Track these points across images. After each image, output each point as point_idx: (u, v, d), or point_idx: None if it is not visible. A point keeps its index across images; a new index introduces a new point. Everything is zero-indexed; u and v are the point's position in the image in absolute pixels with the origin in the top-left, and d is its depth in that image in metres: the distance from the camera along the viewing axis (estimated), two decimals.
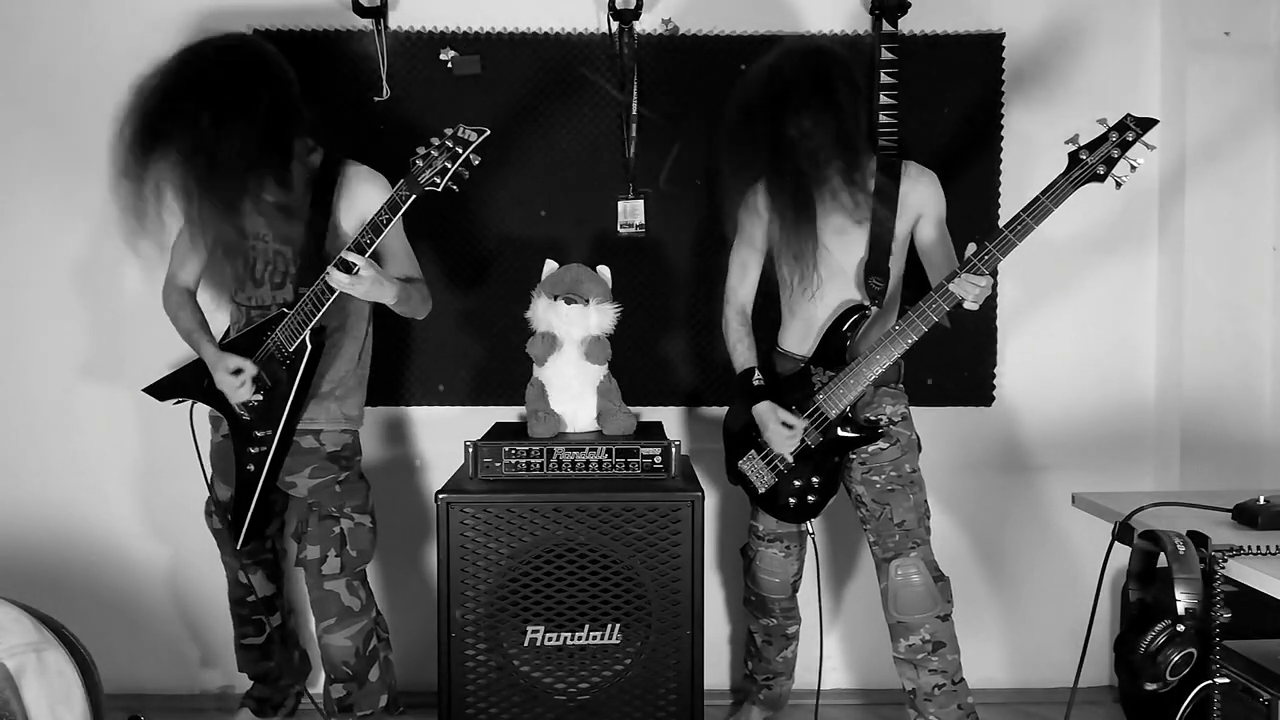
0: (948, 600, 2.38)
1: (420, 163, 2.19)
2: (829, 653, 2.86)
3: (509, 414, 2.86)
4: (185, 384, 2.48)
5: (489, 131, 2.19)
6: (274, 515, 2.63)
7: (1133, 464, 2.94)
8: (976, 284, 2.17)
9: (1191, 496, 2.04)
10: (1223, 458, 2.81)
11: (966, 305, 2.21)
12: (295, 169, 2.32)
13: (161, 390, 2.51)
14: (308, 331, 2.30)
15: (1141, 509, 1.93)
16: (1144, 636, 1.65)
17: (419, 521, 2.94)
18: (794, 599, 2.57)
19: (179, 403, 2.50)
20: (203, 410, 2.50)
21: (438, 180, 2.19)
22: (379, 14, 2.72)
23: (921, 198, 2.37)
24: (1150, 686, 1.67)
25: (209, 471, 2.50)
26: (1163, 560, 1.71)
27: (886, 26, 2.72)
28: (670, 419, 2.91)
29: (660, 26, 2.81)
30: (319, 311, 2.28)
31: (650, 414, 2.86)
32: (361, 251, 2.21)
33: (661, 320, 2.86)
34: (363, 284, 2.23)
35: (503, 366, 2.85)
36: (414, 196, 2.20)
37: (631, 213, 2.82)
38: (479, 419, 2.80)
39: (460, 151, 2.18)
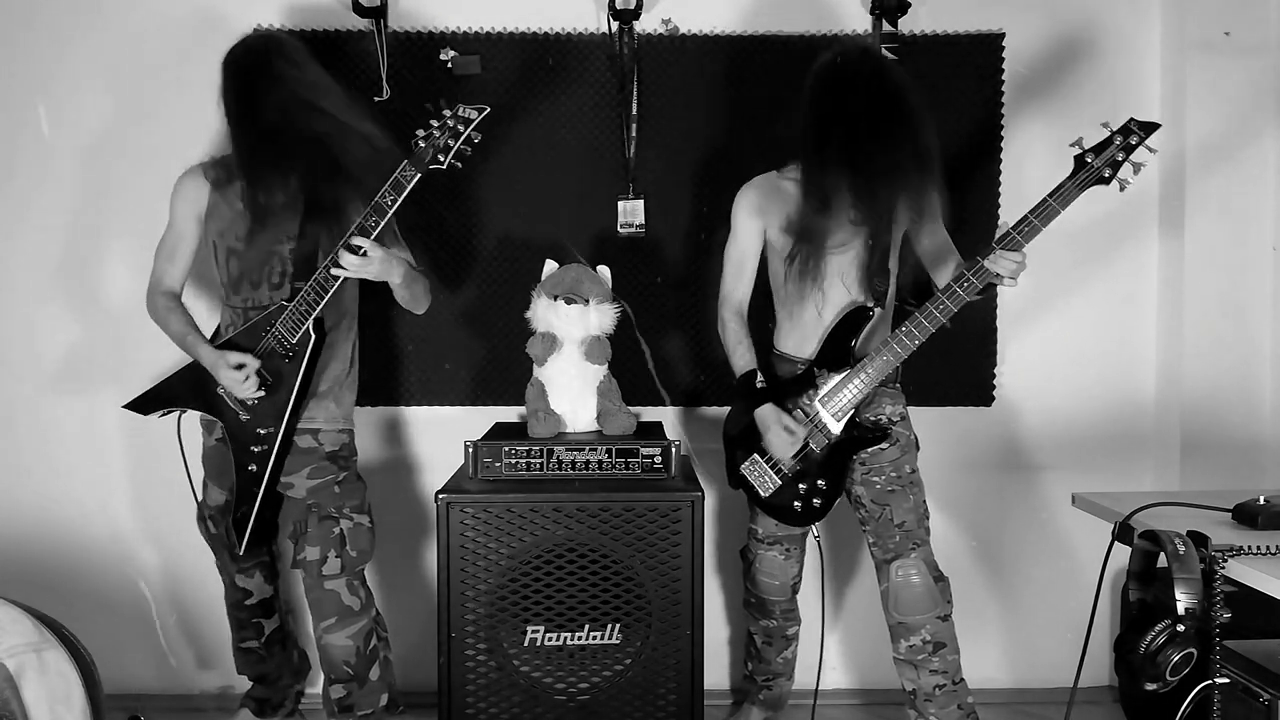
0: (948, 601, 2.37)
1: (423, 143, 2.21)
2: (829, 653, 2.85)
3: (509, 414, 2.86)
4: (173, 392, 2.45)
5: (489, 109, 2.24)
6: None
7: (1133, 464, 2.94)
8: (1011, 259, 2.15)
9: (1191, 496, 2.04)
10: (1223, 458, 2.81)
11: (1005, 282, 2.17)
12: None
13: (145, 404, 2.46)
14: (310, 321, 2.30)
15: (1141, 509, 1.92)
16: (1144, 636, 1.65)
17: (419, 521, 2.93)
18: (794, 600, 2.57)
19: (165, 414, 2.47)
20: (191, 419, 2.48)
21: (441, 158, 2.21)
22: (379, 14, 2.72)
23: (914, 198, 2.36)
24: (1150, 686, 1.67)
25: (196, 480, 2.50)
26: (1163, 560, 1.70)
27: (886, 26, 2.71)
28: (670, 419, 2.91)
29: (660, 26, 2.80)
30: (321, 301, 2.29)
31: (650, 414, 2.86)
32: (366, 235, 2.23)
33: (661, 320, 2.86)
34: (373, 265, 2.25)
35: (503, 366, 2.85)
36: (419, 175, 2.22)
37: (631, 213, 2.82)
38: (479, 419, 2.80)
39: (462, 130, 2.21)
